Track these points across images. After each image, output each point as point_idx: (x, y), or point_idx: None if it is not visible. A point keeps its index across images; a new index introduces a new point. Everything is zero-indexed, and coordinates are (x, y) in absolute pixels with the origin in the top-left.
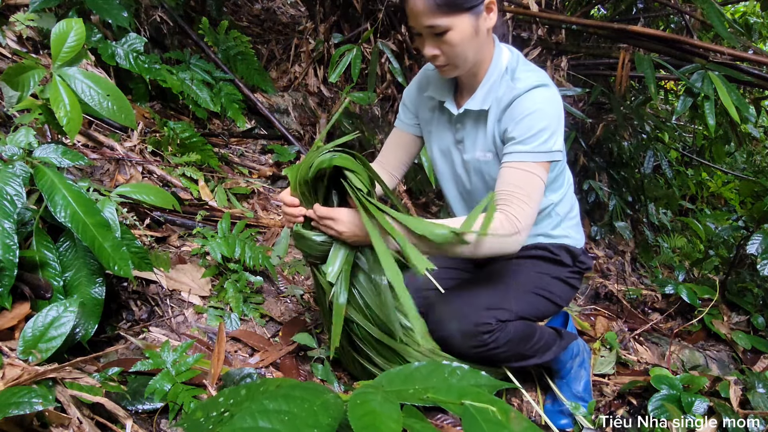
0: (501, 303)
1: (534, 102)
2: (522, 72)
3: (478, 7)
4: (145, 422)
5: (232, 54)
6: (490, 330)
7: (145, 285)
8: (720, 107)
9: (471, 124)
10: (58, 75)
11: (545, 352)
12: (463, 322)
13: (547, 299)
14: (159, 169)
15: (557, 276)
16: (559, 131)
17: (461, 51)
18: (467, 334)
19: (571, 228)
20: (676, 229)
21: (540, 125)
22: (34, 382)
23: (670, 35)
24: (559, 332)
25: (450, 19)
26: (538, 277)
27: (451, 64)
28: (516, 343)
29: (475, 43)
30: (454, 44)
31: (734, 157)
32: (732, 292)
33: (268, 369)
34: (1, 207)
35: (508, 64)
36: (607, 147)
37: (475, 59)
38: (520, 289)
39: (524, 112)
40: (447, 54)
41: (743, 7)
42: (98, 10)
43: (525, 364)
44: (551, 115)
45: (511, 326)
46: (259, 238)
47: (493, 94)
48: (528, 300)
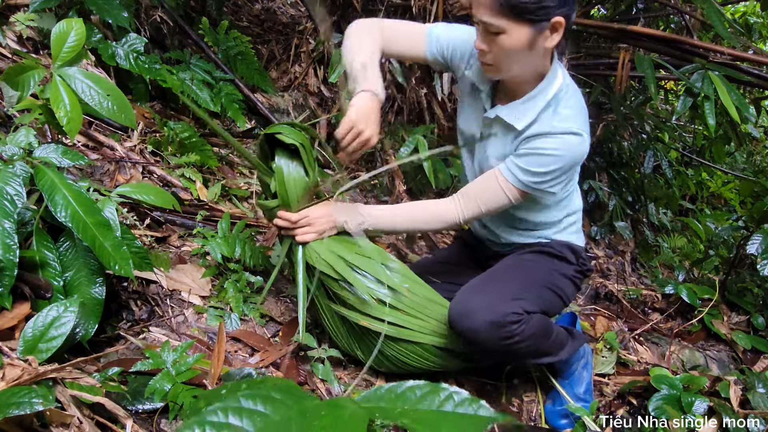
0: (523, 294)
1: (558, 147)
2: (565, 108)
3: (541, 23)
4: (145, 422)
5: (232, 54)
6: (517, 320)
7: (145, 285)
8: (720, 107)
9: (500, 129)
10: (59, 75)
11: (560, 350)
12: (492, 313)
13: (557, 295)
14: (159, 169)
15: (564, 273)
16: (564, 176)
17: (509, 58)
18: (496, 325)
19: (572, 234)
20: (676, 229)
21: (549, 168)
22: (34, 382)
23: (670, 35)
24: (570, 332)
25: (508, 23)
26: (549, 273)
27: (495, 65)
28: (537, 337)
29: (527, 56)
30: (504, 48)
31: (734, 157)
32: (732, 292)
33: (268, 369)
34: (2, 207)
35: (557, 91)
36: (607, 147)
37: (521, 72)
38: (535, 282)
39: (544, 150)
40: (495, 54)
41: (743, 7)
42: (98, 10)
43: (542, 362)
44: (567, 162)
45: (534, 318)
46: (259, 238)
47: (530, 116)
48: (542, 294)
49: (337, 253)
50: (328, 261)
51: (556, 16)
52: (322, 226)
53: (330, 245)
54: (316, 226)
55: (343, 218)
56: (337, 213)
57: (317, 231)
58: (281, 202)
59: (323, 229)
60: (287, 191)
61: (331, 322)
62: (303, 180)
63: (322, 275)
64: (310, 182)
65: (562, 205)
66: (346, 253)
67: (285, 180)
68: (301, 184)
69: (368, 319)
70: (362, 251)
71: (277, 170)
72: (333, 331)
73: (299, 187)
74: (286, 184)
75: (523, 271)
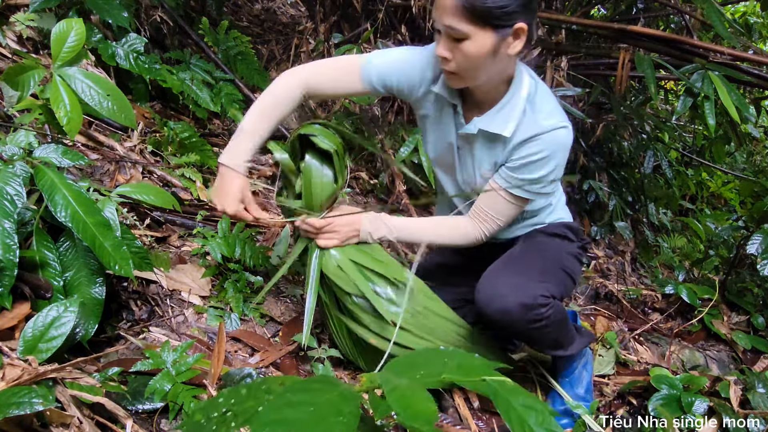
0: (545, 277)
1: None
2: (542, 104)
3: (505, 29)
4: (145, 422)
5: (232, 54)
6: (546, 303)
7: (145, 285)
8: (720, 107)
9: (483, 142)
10: (58, 75)
11: (572, 344)
12: (523, 295)
13: (569, 276)
14: (159, 170)
15: (570, 252)
16: (557, 172)
17: (473, 65)
18: (527, 307)
19: (561, 209)
20: (676, 229)
21: (548, 169)
22: (34, 382)
23: (670, 35)
24: (577, 328)
25: (472, 28)
26: (560, 254)
27: (459, 74)
28: (560, 324)
29: (490, 63)
30: (467, 55)
31: (734, 157)
32: (732, 292)
33: (268, 369)
34: (2, 207)
35: (529, 92)
36: (607, 147)
37: (486, 79)
38: (551, 265)
39: (539, 153)
40: (458, 62)
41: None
42: (98, 10)
43: (556, 353)
44: (561, 157)
45: (557, 304)
46: (259, 238)
47: (513, 122)
48: (559, 277)
49: (358, 262)
50: (346, 271)
51: (519, 23)
52: (345, 234)
53: (350, 253)
54: (340, 234)
55: (368, 229)
56: (362, 223)
57: (341, 238)
58: (305, 204)
59: (346, 237)
60: (313, 194)
61: (337, 329)
62: (331, 185)
63: (335, 287)
64: (338, 188)
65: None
66: (366, 263)
67: (312, 182)
68: (329, 189)
69: (377, 338)
70: (381, 265)
71: (306, 171)
72: (338, 338)
73: (326, 191)
74: (312, 186)
75: (538, 254)
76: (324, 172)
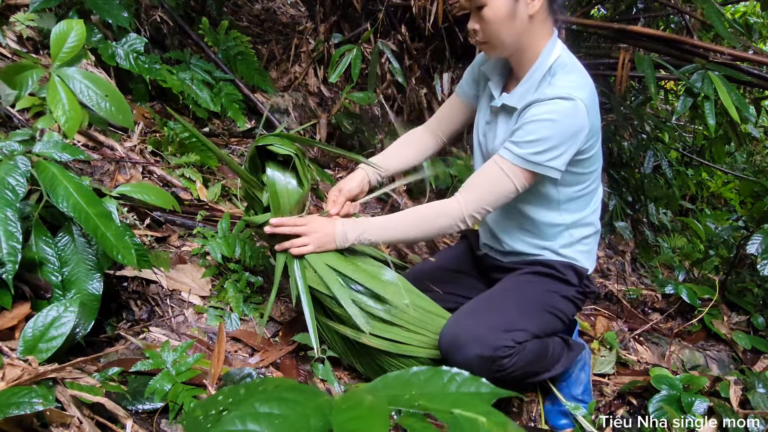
0: (517, 323)
1: (549, 111)
2: (560, 79)
3: None
4: (145, 422)
5: (232, 54)
6: (509, 354)
7: (145, 285)
8: (720, 107)
9: (503, 115)
10: (57, 75)
11: (555, 365)
12: (482, 347)
13: (557, 317)
14: (159, 169)
15: (565, 295)
16: (562, 147)
17: (495, 31)
18: (487, 360)
19: (581, 253)
20: (676, 229)
21: (541, 134)
22: (34, 382)
23: (670, 35)
24: (566, 341)
25: None
26: (548, 295)
27: (488, 42)
28: (531, 363)
29: (511, 26)
30: (489, 21)
31: (734, 157)
32: (732, 292)
33: (268, 369)
34: (3, 196)
35: (554, 63)
36: (607, 147)
37: (515, 44)
38: (533, 307)
39: (534, 117)
40: (484, 31)
41: (743, 7)
42: (98, 10)
43: (537, 380)
44: (560, 129)
45: (528, 346)
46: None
47: (530, 94)
48: (540, 318)
49: (334, 267)
50: (323, 277)
51: None
52: (320, 240)
53: (326, 258)
54: (313, 238)
55: (341, 232)
56: (335, 227)
57: (315, 245)
58: (274, 215)
59: (321, 243)
60: (281, 203)
61: (328, 335)
62: (297, 191)
63: (317, 293)
64: (305, 193)
65: (572, 208)
66: (342, 268)
67: (278, 192)
68: (296, 195)
69: (367, 336)
70: (360, 266)
71: (269, 182)
72: (332, 344)
73: (293, 198)
74: (279, 196)
75: (521, 294)
76: (287, 179)
